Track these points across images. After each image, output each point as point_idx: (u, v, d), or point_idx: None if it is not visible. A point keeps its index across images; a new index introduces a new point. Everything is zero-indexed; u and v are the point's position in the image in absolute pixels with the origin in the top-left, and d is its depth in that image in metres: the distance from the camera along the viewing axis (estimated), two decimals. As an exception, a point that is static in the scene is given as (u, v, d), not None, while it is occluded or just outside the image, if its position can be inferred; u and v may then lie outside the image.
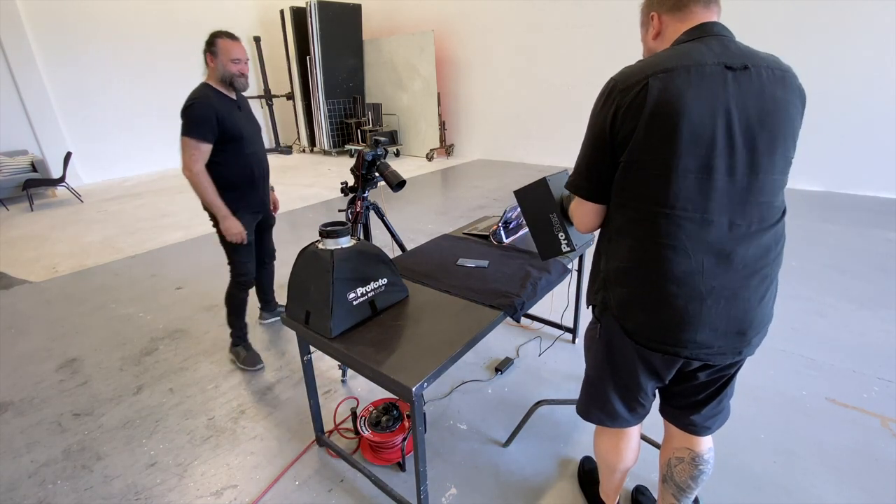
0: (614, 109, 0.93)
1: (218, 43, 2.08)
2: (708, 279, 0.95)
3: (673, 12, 1.01)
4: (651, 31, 1.06)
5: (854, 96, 4.97)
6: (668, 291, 0.96)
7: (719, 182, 0.91)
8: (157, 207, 5.94)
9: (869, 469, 1.67)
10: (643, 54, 1.13)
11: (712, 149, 0.89)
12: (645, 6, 1.08)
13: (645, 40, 1.11)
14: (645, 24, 1.09)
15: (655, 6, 1.04)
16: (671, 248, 0.94)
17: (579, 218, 1.13)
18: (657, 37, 1.05)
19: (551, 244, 1.50)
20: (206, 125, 2.06)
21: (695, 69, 0.89)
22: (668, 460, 1.34)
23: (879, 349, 2.36)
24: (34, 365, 2.55)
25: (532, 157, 7.95)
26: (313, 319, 1.48)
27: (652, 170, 0.92)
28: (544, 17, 7.07)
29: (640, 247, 0.98)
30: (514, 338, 2.61)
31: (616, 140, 0.95)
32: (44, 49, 7.08)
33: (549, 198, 1.45)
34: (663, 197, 0.92)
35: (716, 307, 0.96)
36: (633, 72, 0.93)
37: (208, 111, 2.05)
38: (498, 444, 1.86)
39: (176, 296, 3.34)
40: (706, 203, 0.91)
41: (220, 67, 2.11)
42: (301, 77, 8.83)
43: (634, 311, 1.03)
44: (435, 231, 4.41)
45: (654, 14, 1.04)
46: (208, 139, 2.09)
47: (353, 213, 2.43)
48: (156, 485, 1.74)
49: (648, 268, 0.98)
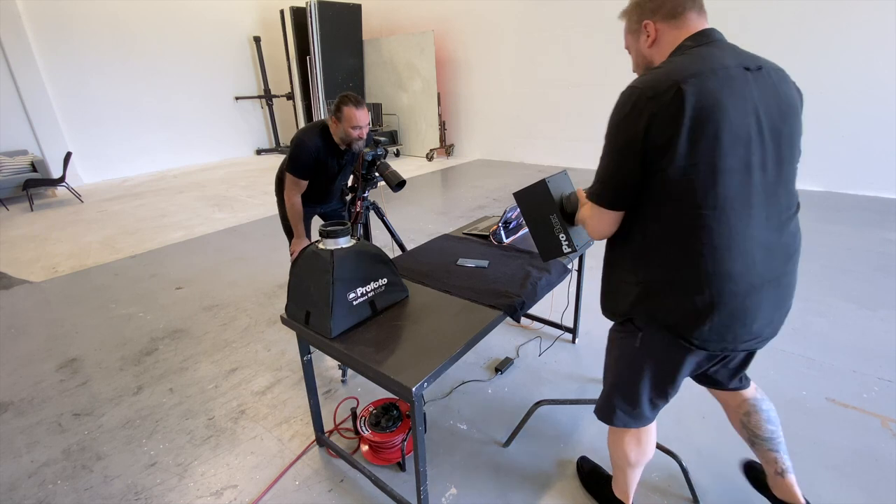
0: (648, 117, 0.91)
1: (344, 111, 2.23)
2: (759, 272, 0.99)
3: (668, 20, 1.02)
4: (645, 38, 1.06)
5: (854, 96, 4.97)
6: (727, 291, 0.98)
7: (756, 178, 0.95)
8: (157, 207, 5.94)
9: (869, 469, 1.67)
10: (635, 61, 1.14)
11: (749, 146, 0.93)
12: (634, 14, 1.08)
13: (636, 47, 1.11)
14: (635, 31, 1.09)
15: (648, 14, 1.04)
16: (725, 248, 0.95)
17: (596, 226, 1.10)
18: (653, 44, 1.06)
19: (552, 245, 1.49)
20: (306, 168, 2.38)
21: (721, 72, 0.92)
22: (740, 421, 1.38)
23: (879, 349, 2.36)
24: (34, 365, 2.55)
25: (532, 157, 7.96)
26: (313, 319, 1.48)
27: (698, 174, 0.92)
28: (545, 17, 7.07)
29: (693, 252, 0.97)
30: (514, 338, 2.61)
31: (651, 148, 0.93)
32: (44, 49, 7.08)
33: (548, 199, 1.44)
34: (712, 199, 0.93)
35: (767, 297, 1.01)
36: (658, 79, 0.92)
37: (310, 158, 2.35)
38: (498, 444, 1.86)
39: (176, 296, 3.34)
40: (749, 199, 0.95)
41: (341, 131, 2.29)
42: (301, 77, 8.83)
43: (692, 316, 1.01)
44: (435, 231, 4.42)
45: (648, 22, 1.05)
46: (306, 177, 2.42)
47: (354, 213, 2.44)
48: (156, 485, 1.74)
49: (704, 271, 0.97)
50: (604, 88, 6.80)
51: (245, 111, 10.00)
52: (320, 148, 2.35)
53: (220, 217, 5.38)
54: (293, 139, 2.38)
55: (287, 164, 2.38)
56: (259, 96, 10.05)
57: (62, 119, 7.39)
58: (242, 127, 10.00)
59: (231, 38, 9.45)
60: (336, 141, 2.35)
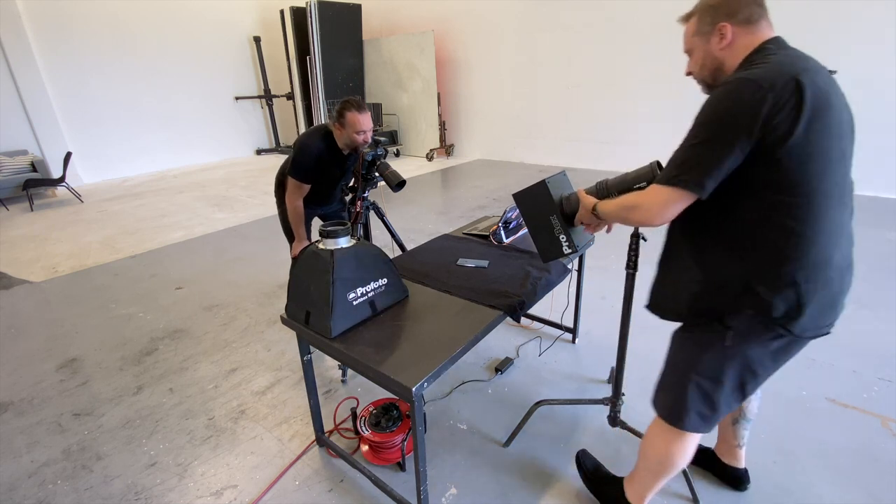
0: (769, 107, 0.93)
1: (347, 116, 2.22)
2: (846, 257, 1.06)
3: (744, 25, 1.07)
4: (720, 40, 1.09)
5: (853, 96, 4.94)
6: (827, 278, 1.02)
7: (847, 166, 1.04)
8: (157, 207, 5.94)
9: (869, 469, 1.67)
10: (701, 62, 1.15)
11: (842, 140, 1.00)
12: (708, 16, 1.10)
13: (706, 49, 1.13)
14: (706, 33, 1.11)
15: (723, 17, 1.07)
16: (828, 235, 1.00)
17: (663, 210, 1.05)
18: (727, 47, 1.09)
19: (553, 246, 1.49)
20: (309, 172, 2.37)
21: (822, 70, 1.01)
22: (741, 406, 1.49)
23: (879, 349, 2.36)
24: (34, 365, 2.55)
25: (532, 157, 7.96)
26: (313, 319, 1.48)
27: (813, 163, 0.97)
28: (544, 17, 7.07)
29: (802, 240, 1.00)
30: (514, 338, 2.61)
31: (769, 137, 0.95)
32: (44, 49, 7.08)
33: (548, 200, 1.44)
34: (822, 187, 0.98)
35: (847, 282, 1.08)
36: (773, 72, 0.96)
37: (312, 162, 2.35)
38: (498, 444, 1.86)
39: (176, 296, 3.34)
40: (843, 189, 1.03)
41: (345, 137, 2.28)
42: (301, 77, 8.83)
43: (798, 306, 1.02)
44: (435, 231, 4.42)
45: (724, 25, 1.07)
46: (308, 181, 2.41)
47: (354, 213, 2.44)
48: (156, 485, 1.74)
49: (811, 259, 1.00)
50: (604, 88, 6.80)
51: (245, 111, 10.00)
52: (323, 152, 2.35)
53: (220, 217, 5.38)
54: (296, 143, 2.38)
55: (289, 168, 2.39)
56: (259, 96, 10.05)
57: (62, 119, 7.39)
58: (242, 127, 10.00)
59: (231, 38, 9.45)
60: (340, 146, 2.35)
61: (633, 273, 1.46)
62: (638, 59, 6.35)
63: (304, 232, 2.54)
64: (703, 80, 1.18)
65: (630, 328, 1.57)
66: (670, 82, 6.12)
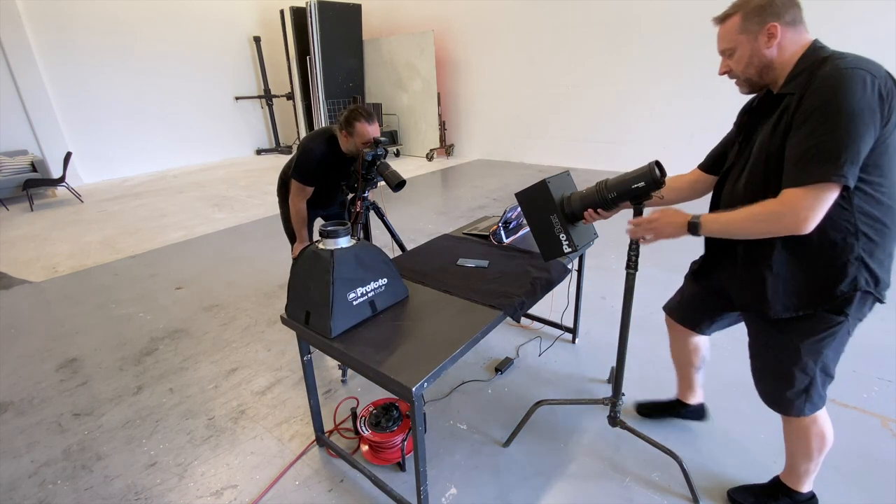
0: (880, 96, 1.01)
1: (356, 126, 2.22)
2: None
3: (791, 26, 1.14)
4: (768, 38, 1.15)
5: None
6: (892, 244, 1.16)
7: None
8: (157, 207, 5.94)
9: (869, 469, 1.67)
10: (746, 59, 1.19)
11: None
12: (756, 16, 1.15)
13: (753, 46, 1.17)
14: (753, 31, 1.16)
15: (772, 17, 1.13)
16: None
17: (814, 207, 1.05)
18: (775, 45, 1.15)
19: (553, 245, 1.50)
20: (312, 175, 2.39)
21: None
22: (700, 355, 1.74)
23: (879, 349, 2.36)
24: (34, 365, 2.55)
25: (532, 157, 7.96)
26: (313, 319, 1.48)
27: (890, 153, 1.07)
28: (544, 17, 7.07)
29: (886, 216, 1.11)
30: (514, 338, 2.61)
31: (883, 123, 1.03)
32: (44, 49, 7.08)
33: (549, 199, 1.45)
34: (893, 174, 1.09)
35: None
36: (871, 66, 1.04)
37: (315, 165, 2.36)
38: (498, 444, 1.86)
39: (176, 296, 3.34)
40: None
41: (351, 145, 2.29)
42: (301, 77, 8.83)
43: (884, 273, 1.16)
44: (435, 231, 4.42)
45: (775, 24, 1.13)
46: (311, 184, 2.42)
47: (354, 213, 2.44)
48: (156, 485, 1.74)
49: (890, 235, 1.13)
50: (604, 88, 6.80)
51: (245, 111, 10.00)
52: (326, 155, 2.36)
53: (220, 217, 5.38)
54: (299, 145, 2.39)
55: (292, 171, 2.40)
56: (259, 96, 10.05)
57: (62, 119, 7.39)
58: (242, 127, 10.00)
59: (231, 38, 9.44)
60: (343, 150, 2.36)
61: (633, 273, 1.46)
62: (638, 58, 6.35)
63: (307, 234, 2.55)
64: (747, 78, 1.22)
65: (630, 328, 1.57)
66: (670, 82, 6.13)
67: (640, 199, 1.36)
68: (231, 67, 9.55)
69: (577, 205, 1.45)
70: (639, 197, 1.35)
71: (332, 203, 2.71)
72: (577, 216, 1.47)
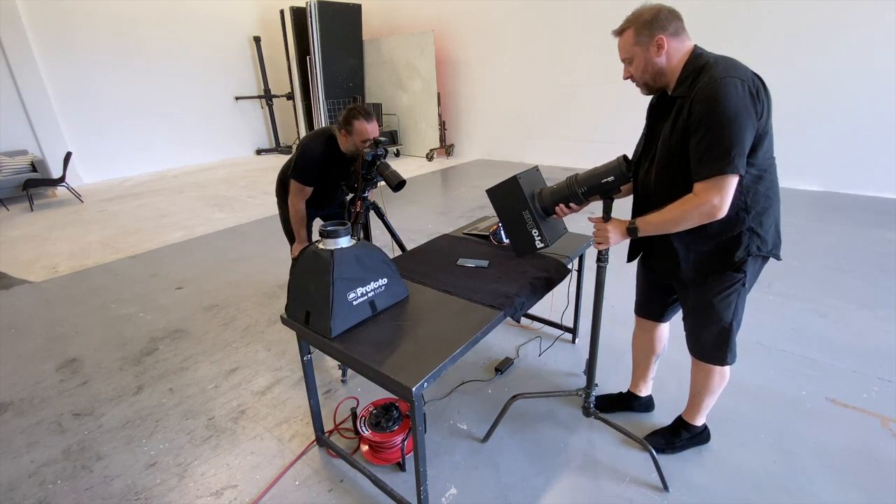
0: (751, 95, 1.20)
1: (355, 125, 2.22)
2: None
3: (675, 36, 1.32)
4: (658, 50, 1.32)
5: (853, 96, 4.96)
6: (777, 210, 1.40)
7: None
8: (157, 207, 5.94)
9: (869, 469, 1.67)
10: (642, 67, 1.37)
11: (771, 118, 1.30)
12: (646, 30, 1.32)
13: (644, 56, 1.35)
14: (645, 44, 1.34)
15: (658, 30, 1.31)
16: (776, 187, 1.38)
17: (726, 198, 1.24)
18: (664, 54, 1.32)
19: (526, 241, 1.53)
20: (311, 175, 2.39)
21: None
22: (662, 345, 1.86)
23: (879, 349, 2.36)
24: (34, 365, 2.55)
25: (532, 157, 7.95)
26: (313, 319, 1.48)
27: (770, 140, 1.30)
28: (544, 17, 7.06)
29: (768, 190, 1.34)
30: (514, 338, 2.61)
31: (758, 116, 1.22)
32: (44, 49, 7.08)
33: (520, 195, 1.48)
34: (770, 155, 1.33)
35: None
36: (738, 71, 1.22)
37: (315, 165, 2.36)
38: (498, 444, 1.86)
39: (176, 296, 3.34)
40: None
41: (350, 144, 2.28)
42: (301, 77, 8.83)
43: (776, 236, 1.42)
44: (435, 231, 4.42)
45: (661, 37, 1.31)
46: (311, 184, 2.42)
47: (353, 213, 2.44)
48: (156, 485, 1.74)
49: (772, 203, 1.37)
50: (603, 88, 6.80)
51: (245, 111, 9.99)
52: (325, 155, 2.35)
53: (220, 217, 5.38)
54: (299, 146, 2.39)
55: (292, 171, 2.39)
56: (259, 96, 10.04)
57: (62, 119, 7.38)
58: (242, 127, 10.00)
59: (231, 37, 9.44)
60: (343, 150, 2.35)
61: (603, 266, 1.52)
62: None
63: (306, 234, 2.55)
64: (644, 83, 1.41)
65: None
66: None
67: (609, 193, 1.41)
68: (231, 67, 9.55)
69: (549, 200, 1.48)
70: (608, 191, 1.40)
71: (332, 203, 2.70)
72: (548, 211, 1.51)
